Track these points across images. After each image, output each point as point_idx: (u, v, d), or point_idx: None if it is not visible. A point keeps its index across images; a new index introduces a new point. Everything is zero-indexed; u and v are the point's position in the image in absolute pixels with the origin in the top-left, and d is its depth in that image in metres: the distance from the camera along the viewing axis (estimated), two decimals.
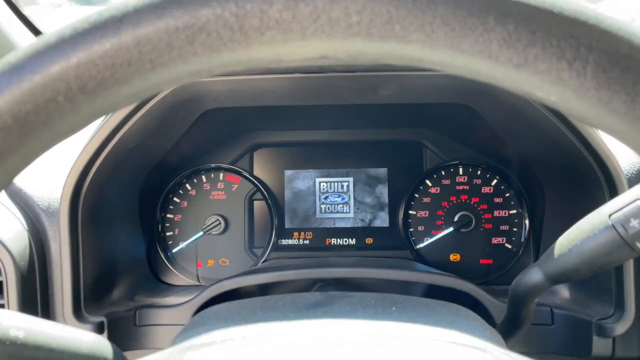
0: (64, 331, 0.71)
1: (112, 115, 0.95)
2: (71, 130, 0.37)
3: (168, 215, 1.36)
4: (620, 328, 0.92)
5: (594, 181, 0.95)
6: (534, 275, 0.80)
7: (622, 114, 0.31)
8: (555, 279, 0.77)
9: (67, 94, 0.33)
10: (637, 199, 0.68)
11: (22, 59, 0.34)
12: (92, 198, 1.01)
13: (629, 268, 0.92)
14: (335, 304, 0.89)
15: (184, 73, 0.35)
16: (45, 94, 0.33)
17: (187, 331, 0.73)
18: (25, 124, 0.34)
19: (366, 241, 1.38)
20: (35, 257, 1.01)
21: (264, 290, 1.13)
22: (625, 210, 0.69)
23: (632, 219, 0.68)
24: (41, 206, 1.04)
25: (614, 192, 0.91)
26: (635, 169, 0.98)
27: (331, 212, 1.39)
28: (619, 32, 0.29)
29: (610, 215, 0.70)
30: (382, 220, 1.38)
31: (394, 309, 0.75)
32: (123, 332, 1.04)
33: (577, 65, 0.30)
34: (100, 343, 0.76)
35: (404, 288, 1.14)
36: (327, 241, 1.38)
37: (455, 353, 0.49)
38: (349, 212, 1.39)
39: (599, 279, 0.99)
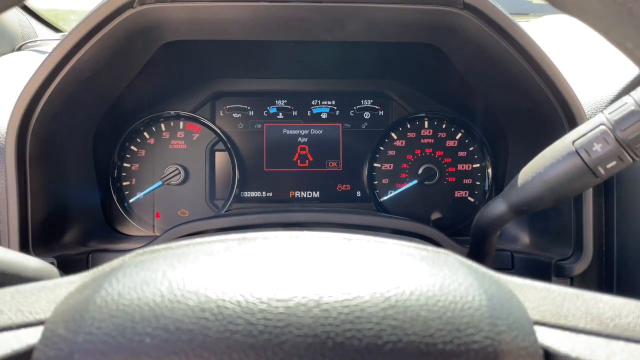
0: (7, 254, 0.66)
1: (63, 42, 0.89)
2: None
3: (125, 164, 1.31)
4: (579, 268, 0.93)
5: (557, 126, 0.95)
6: (497, 206, 0.80)
7: None
8: (519, 209, 0.77)
9: None
10: (601, 124, 0.68)
11: None
12: (41, 133, 0.95)
13: (588, 209, 0.94)
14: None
15: None
16: None
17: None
18: None
19: (329, 193, 1.36)
20: None
21: None
22: (588, 135, 0.69)
23: (595, 144, 0.68)
24: None
25: None
26: (597, 112, 0.99)
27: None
28: None
29: (573, 142, 0.70)
30: (347, 172, 1.36)
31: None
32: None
33: None
34: (47, 269, 0.72)
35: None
36: (291, 194, 1.36)
37: (419, 252, 0.47)
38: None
39: (558, 222, 1.00)
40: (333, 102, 1.37)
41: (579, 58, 1.20)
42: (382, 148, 1.35)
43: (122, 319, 0.33)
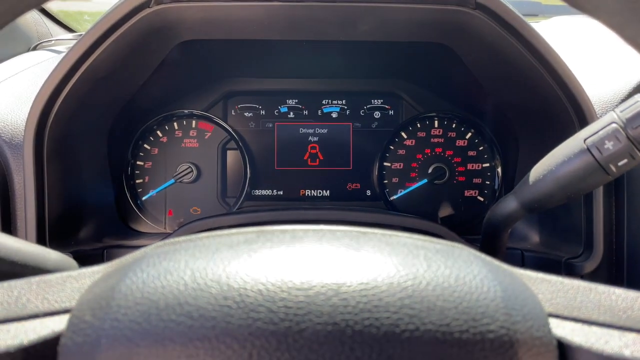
0: (29, 247, 0.68)
1: (80, 41, 0.90)
2: None
3: (138, 162, 1.33)
4: (589, 266, 0.94)
5: (567, 125, 0.95)
6: (509, 203, 0.80)
7: None
8: (530, 207, 0.78)
9: None
10: (612, 122, 0.69)
11: None
12: (58, 131, 0.96)
13: (598, 208, 0.94)
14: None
15: None
16: None
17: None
18: None
19: (339, 192, 1.37)
20: None
21: None
22: (600, 133, 0.69)
23: (606, 142, 0.68)
24: (4, 138, 0.99)
25: None
26: (608, 111, 1.00)
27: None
28: None
29: (585, 140, 0.71)
30: (357, 171, 1.37)
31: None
32: None
33: None
34: (66, 261, 0.73)
35: None
36: (301, 192, 1.37)
37: (434, 245, 0.48)
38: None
39: (569, 220, 1.00)
40: (343, 101, 1.38)
41: (589, 58, 1.21)
42: (392, 147, 1.36)
43: (147, 306, 0.34)
